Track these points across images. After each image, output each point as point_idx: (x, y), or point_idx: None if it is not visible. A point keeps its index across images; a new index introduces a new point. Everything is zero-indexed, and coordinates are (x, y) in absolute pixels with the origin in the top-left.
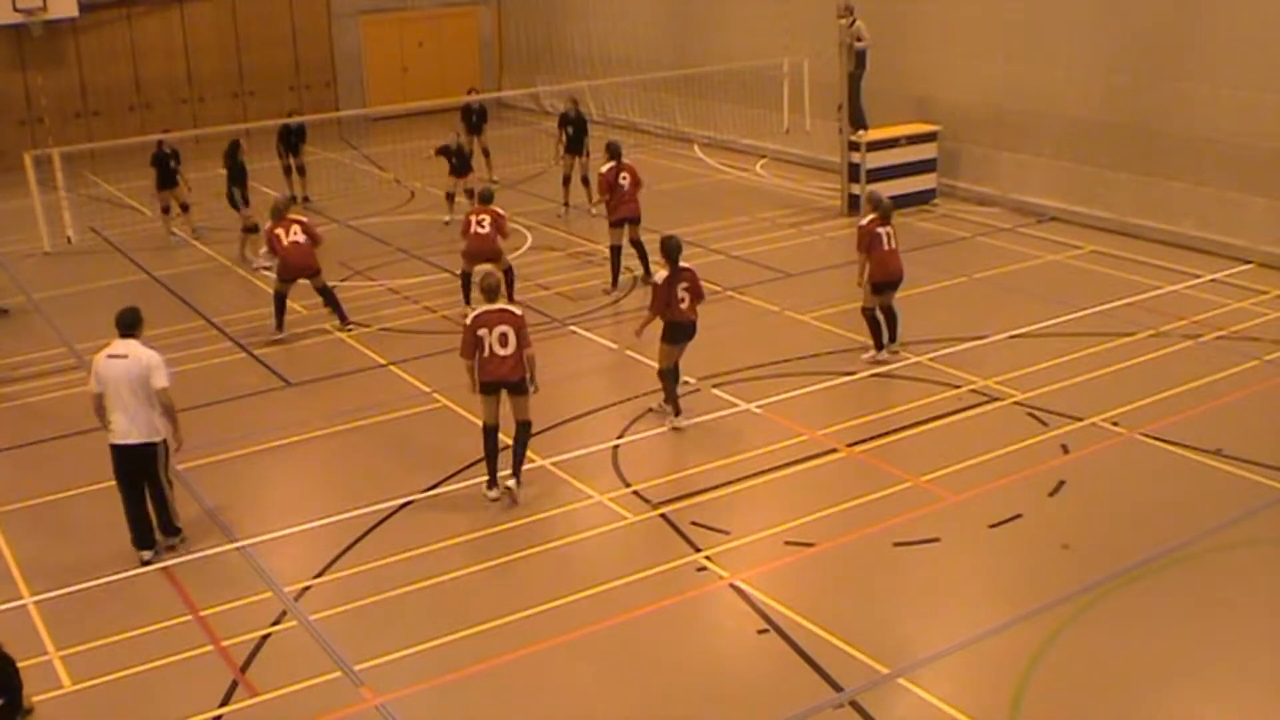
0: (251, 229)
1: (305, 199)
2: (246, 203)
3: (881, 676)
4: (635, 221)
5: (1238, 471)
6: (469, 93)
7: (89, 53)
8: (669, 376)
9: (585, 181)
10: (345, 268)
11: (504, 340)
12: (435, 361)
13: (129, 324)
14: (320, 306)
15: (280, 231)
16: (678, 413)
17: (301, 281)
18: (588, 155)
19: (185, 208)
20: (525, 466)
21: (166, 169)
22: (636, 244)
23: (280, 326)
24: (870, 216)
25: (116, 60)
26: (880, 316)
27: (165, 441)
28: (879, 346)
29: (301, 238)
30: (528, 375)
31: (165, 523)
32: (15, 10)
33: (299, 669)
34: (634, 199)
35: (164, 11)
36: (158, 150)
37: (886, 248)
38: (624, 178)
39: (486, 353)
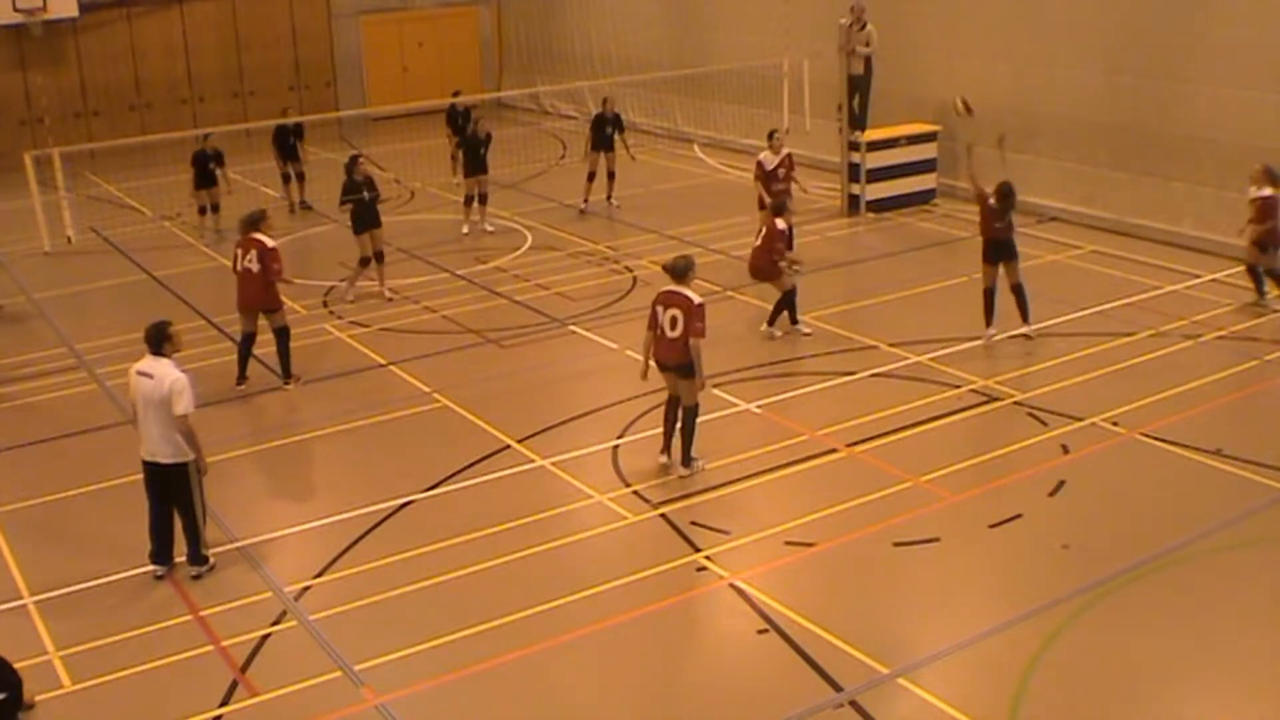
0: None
1: (304, 204)
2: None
3: (881, 676)
4: None
5: (1238, 471)
6: (454, 95)
7: (89, 53)
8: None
9: (611, 176)
10: (346, 268)
11: (674, 323)
12: (435, 361)
13: (155, 340)
14: (320, 307)
15: (239, 252)
16: (989, 323)
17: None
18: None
19: (216, 208)
20: (525, 466)
21: (205, 170)
22: None
23: (240, 377)
24: None
25: (116, 60)
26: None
27: (195, 462)
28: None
29: (255, 266)
30: (695, 363)
31: (194, 552)
32: (15, 10)
33: (299, 669)
34: None
35: (164, 11)
36: (199, 151)
37: None
38: None
39: (658, 331)
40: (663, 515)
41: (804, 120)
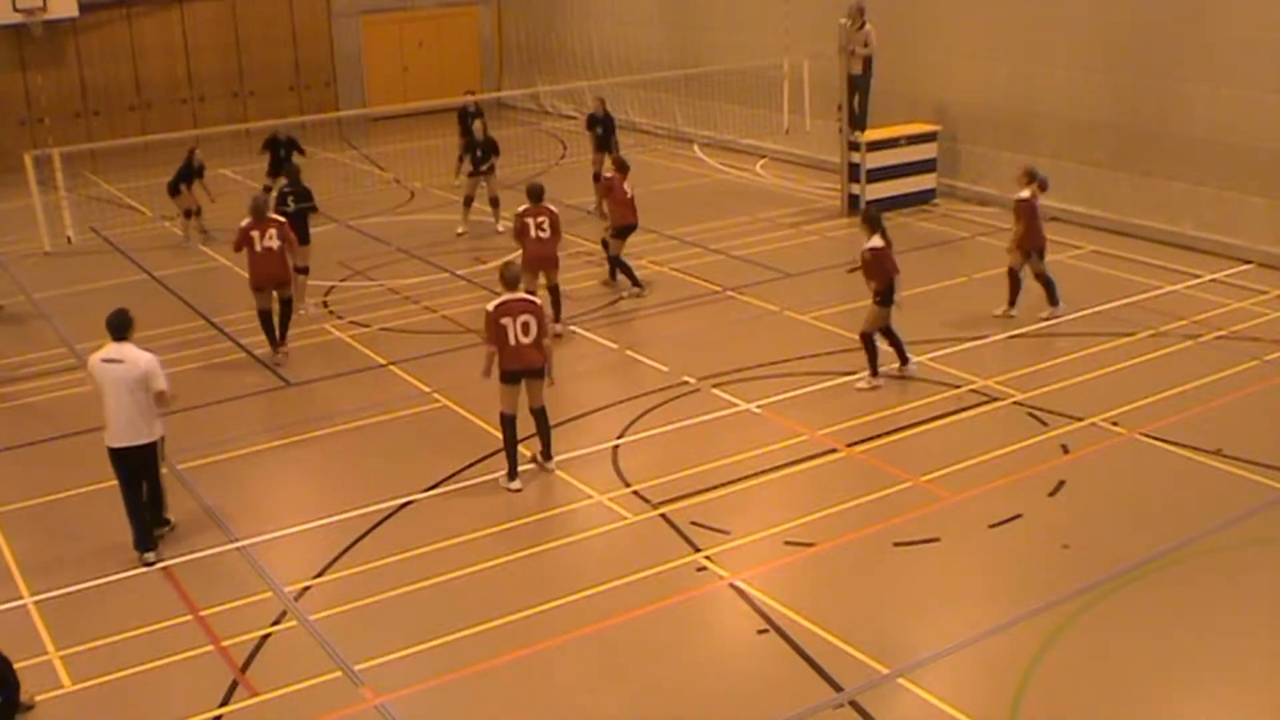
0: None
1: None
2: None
3: (881, 676)
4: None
5: (1238, 471)
6: (466, 94)
7: (89, 53)
8: (868, 340)
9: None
10: (345, 268)
11: (526, 329)
12: (435, 361)
13: (120, 327)
14: (319, 306)
15: (255, 234)
16: (874, 374)
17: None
18: (617, 151)
19: (198, 211)
20: (522, 467)
21: (188, 181)
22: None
23: (274, 345)
24: None
25: (116, 60)
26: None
27: (162, 439)
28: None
29: (275, 244)
30: (549, 363)
31: (156, 515)
32: (15, 10)
33: (299, 669)
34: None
35: (164, 11)
36: (187, 159)
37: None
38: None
39: (512, 341)
40: (663, 515)
41: (804, 120)
